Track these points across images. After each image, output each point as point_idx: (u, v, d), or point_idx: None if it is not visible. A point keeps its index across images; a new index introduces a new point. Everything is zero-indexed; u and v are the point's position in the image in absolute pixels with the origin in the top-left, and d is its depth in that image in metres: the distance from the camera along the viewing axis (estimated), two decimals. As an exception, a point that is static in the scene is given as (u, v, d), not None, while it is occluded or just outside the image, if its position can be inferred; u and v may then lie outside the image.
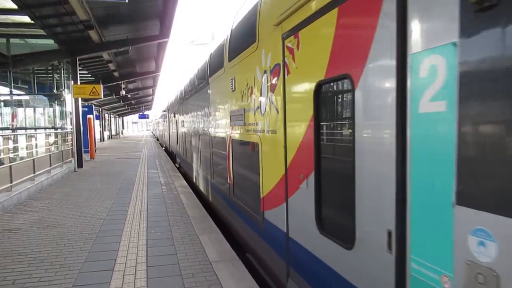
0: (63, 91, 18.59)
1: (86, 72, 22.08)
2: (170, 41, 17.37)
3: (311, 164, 3.10)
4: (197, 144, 10.40)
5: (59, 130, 17.70)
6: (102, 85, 17.28)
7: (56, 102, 19.21)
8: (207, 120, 8.51)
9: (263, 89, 4.31)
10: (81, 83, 17.10)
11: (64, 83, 19.03)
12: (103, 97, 19.14)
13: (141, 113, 63.68)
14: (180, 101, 14.97)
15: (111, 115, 53.96)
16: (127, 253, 5.22)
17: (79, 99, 16.11)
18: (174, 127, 18.83)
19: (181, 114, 15.23)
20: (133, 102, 47.38)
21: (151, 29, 16.04)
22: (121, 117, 66.73)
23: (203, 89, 8.95)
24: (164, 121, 29.88)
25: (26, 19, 12.36)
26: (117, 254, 5.18)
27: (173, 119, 19.10)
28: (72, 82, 15.65)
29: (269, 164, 4.25)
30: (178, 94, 15.82)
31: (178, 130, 16.66)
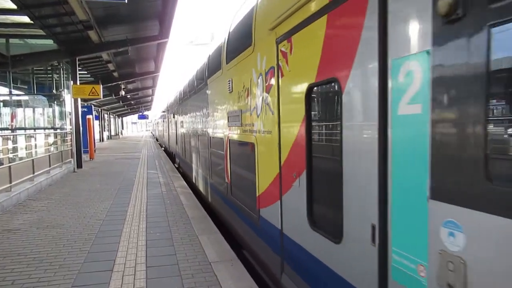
0: (63, 91, 18.59)
1: (85, 72, 22.07)
2: (169, 41, 17.37)
3: (303, 163, 3.24)
4: (196, 144, 10.50)
5: (58, 131, 17.68)
6: (101, 86, 17.27)
7: (55, 102, 19.21)
8: (205, 120, 8.62)
9: (258, 91, 4.44)
10: (80, 83, 17.08)
11: (63, 83, 19.02)
12: (102, 98, 19.14)
13: (140, 113, 63.70)
14: (179, 102, 15.03)
15: (111, 116, 53.94)
16: (126, 253, 5.22)
17: (79, 100, 16.10)
18: (174, 128, 18.82)
19: (180, 115, 15.28)
20: (132, 102, 47.37)
21: (150, 29, 16.03)
22: (120, 118, 66.71)
23: (201, 90, 9.05)
24: (164, 122, 29.88)
25: (25, 19, 12.35)
26: (116, 254, 5.18)
27: (172, 119, 19.10)
28: (72, 82, 15.65)
29: (264, 164, 4.37)
30: (177, 95, 15.87)
31: (177, 130, 16.70)
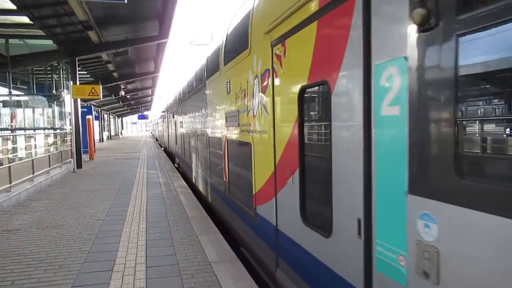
0: (62, 92, 18.57)
1: (85, 72, 22.06)
2: (169, 41, 17.40)
3: (296, 162, 3.40)
4: (195, 144, 10.64)
5: (58, 131, 17.67)
6: (101, 86, 17.25)
7: (55, 102, 19.18)
8: (204, 121, 8.76)
9: (255, 92, 4.61)
10: (80, 83, 17.08)
11: (63, 83, 19.00)
12: (102, 98, 19.15)
13: (140, 113, 63.68)
14: (179, 102, 15.12)
15: (110, 116, 53.90)
16: (126, 253, 5.22)
17: (78, 100, 16.10)
18: (173, 128, 18.86)
19: (179, 115, 15.37)
20: (132, 102, 47.34)
21: (150, 29, 16.03)
22: (120, 118, 66.65)
23: (200, 90, 9.22)
24: (163, 122, 29.92)
25: (25, 19, 12.34)
26: (116, 254, 5.18)
27: (172, 119, 19.14)
28: (71, 82, 15.65)
29: (260, 163, 4.53)
30: (177, 95, 15.95)
31: (177, 130, 16.77)
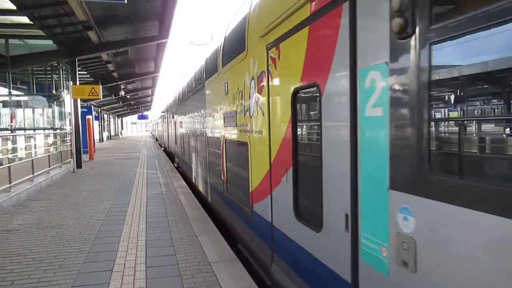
0: (62, 92, 18.56)
1: (85, 72, 22.05)
2: (169, 41, 17.39)
3: (289, 161, 3.54)
4: (195, 144, 10.77)
5: (58, 131, 17.66)
6: (101, 86, 17.26)
7: (55, 102, 19.17)
8: (203, 121, 8.91)
9: (251, 93, 4.76)
10: (80, 83, 17.08)
11: (63, 83, 18.99)
12: (102, 98, 19.15)
13: (140, 113, 63.65)
14: (179, 103, 15.20)
15: (110, 116, 53.89)
16: (126, 253, 5.22)
17: (78, 100, 16.10)
18: (173, 128, 18.90)
19: (179, 115, 15.46)
20: (132, 102, 47.34)
21: (150, 29, 16.03)
22: (120, 118, 66.63)
23: (200, 91, 9.38)
24: (163, 122, 29.96)
25: (25, 19, 12.33)
26: (116, 254, 5.18)
27: (172, 120, 19.18)
28: (71, 82, 15.64)
29: (256, 162, 4.68)
30: (177, 96, 16.02)
31: (177, 130, 16.84)
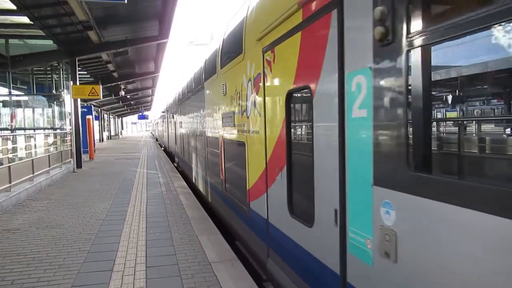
0: (62, 92, 18.55)
1: (85, 72, 22.06)
2: (169, 41, 17.38)
3: (283, 159, 3.69)
4: (194, 144, 10.89)
5: (58, 131, 17.66)
6: (101, 86, 17.25)
7: (55, 102, 19.17)
8: (202, 121, 9.05)
9: (248, 94, 4.91)
10: (80, 83, 17.08)
11: (63, 83, 18.99)
12: (102, 98, 19.15)
13: (140, 113, 63.66)
14: (178, 103, 15.29)
15: (110, 116, 53.89)
16: (126, 253, 5.22)
17: (78, 100, 16.09)
18: (173, 128, 18.94)
19: (179, 115, 15.54)
20: (132, 102, 47.33)
21: (150, 29, 16.03)
22: (120, 118, 66.63)
23: (199, 92, 9.52)
24: (163, 122, 30.00)
25: (25, 19, 12.33)
26: (116, 254, 5.18)
27: (172, 120, 19.23)
28: (71, 82, 15.63)
29: (253, 161, 4.82)
30: (177, 96, 16.08)
31: (177, 130, 16.91)
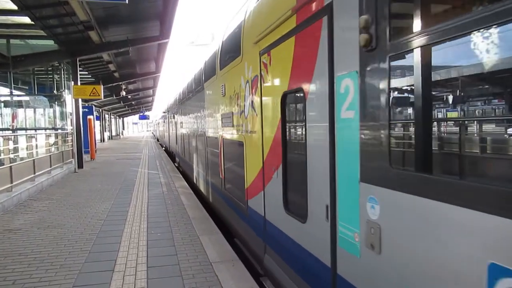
0: (63, 92, 18.58)
1: (86, 73, 22.08)
2: (170, 42, 17.39)
3: (279, 158, 3.84)
4: (195, 143, 11.00)
5: (59, 131, 17.68)
6: (102, 86, 17.27)
7: (56, 102, 19.21)
8: (202, 121, 9.20)
9: (246, 95, 5.05)
10: (81, 83, 17.09)
11: (64, 83, 19.02)
12: (103, 98, 19.20)
13: (141, 114, 63.71)
14: (179, 103, 15.38)
15: (112, 116, 53.93)
16: (127, 253, 5.22)
17: (79, 100, 16.10)
18: (173, 128, 18.98)
19: (180, 116, 15.62)
20: (133, 103, 47.38)
21: (151, 30, 16.03)
22: (121, 118, 66.69)
23: (199, 92, 9.65)
24: (164, 122, 30.07)
25: (26, 20, 12.35)
26: (117, 254, 5.18)
27: (172, 120, 19.28)
28: (72, 82, 15.64)
29: (251, 160, 4.96)
30: (177, 97, 16.15)
31: (177, 130, 16.97)
